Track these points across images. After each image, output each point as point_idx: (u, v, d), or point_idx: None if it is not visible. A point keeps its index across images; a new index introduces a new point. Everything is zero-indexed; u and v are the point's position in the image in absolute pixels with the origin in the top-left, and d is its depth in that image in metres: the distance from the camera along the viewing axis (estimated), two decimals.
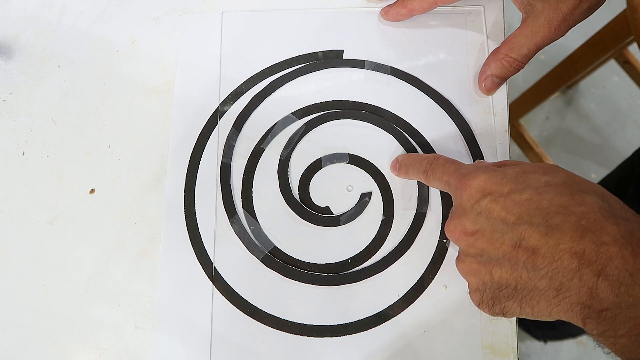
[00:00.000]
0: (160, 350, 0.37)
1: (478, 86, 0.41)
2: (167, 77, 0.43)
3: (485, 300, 0.31)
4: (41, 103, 0.43)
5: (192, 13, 0.44)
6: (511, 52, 0.39)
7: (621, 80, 1.33)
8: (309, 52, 0.43)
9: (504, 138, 0.41)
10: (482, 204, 0.30)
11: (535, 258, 0.27)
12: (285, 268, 0.38)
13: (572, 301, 0.26)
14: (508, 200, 0.29)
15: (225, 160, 0.40)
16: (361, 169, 0.40)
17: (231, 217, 0.39)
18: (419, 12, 0.42)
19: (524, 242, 0.28)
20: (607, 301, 0.25)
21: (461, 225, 0.30)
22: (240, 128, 0.41)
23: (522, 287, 0.28)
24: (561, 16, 0.37)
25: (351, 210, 0.39)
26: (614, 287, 0.25)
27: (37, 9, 0.45)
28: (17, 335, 0.37)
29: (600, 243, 0.25)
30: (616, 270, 0.25)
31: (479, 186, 0.30)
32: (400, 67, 0.43)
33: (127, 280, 0.38)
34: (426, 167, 0.35)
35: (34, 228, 0.40)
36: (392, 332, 0.37)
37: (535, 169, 0.30)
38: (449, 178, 0.33)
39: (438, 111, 0.41)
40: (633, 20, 0.66)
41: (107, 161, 0.41)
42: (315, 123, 0.41)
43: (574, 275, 0.26)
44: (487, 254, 0.29)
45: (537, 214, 0.27)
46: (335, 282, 0.38)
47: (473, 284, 0.31)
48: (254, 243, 0.39)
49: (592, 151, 1.28)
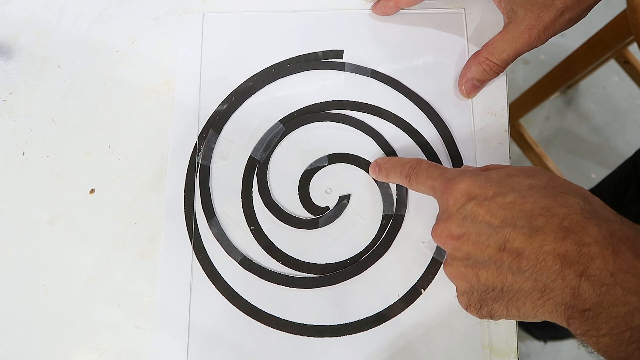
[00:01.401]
0: (160, 350, 0.37)
1: (458, 89, 0.41)
2: (167, 77, 0.43)
3: (472, 303, 0.31)
4: (41, 103, 0.43)
5: (192, 13, 0.44)
6: (491, 56, 0.39)
7: (621, 80, 1.33)
8: (309, 52, 0.43)
9: (504, 138, 0.41)
10: (467, 207, 0.30)
11: (519, 260, 0.27)
12: (263, 270, 0.38)
13: (556, 302, 0.27)
14: (492, 203, 0.29)
15: (205, 163, 0.40)
16: (340, 171, 0.40)
17: (209, 219, 0.39)
18: (405, 5, 0.42)
19: (509, 244, 0.28)
20: (590, 301, 0.25)
21: (447, 230, 0.31)
22: (220, 130, 0.41)
23: (508, 289, 0.29)
24: (542, 25, 0.37)
25: (330, 212, 0.39)
26: (596, 287, 0.25)
27: (37, 9, 0.45)
28: (17, 335, 0.37)
29: (582, 244, 0.26)
30: (597, 271, 0.25)
31: (464, 190, 0.30)
32: (380, 69, 0.42)
33: (127, 280, 0.38)
34: (409, 171, 0.35)
35: (34, 228, 0.40)
36: (392, 332, 0.37)
37: (518, 172, 0.31)
38: (434, 182, 0.33)
39: (418, 114, 0.41)
40: (633, 20, 0.66)
41: (107, 161, 0.41)
42: (294, 125, 0.41)
43: (558, 276, 0.26)
44: (473, 257, 0.30)
45: (521, 216, 0.28)
46: (311, 284, 0.38)
47: (460, 287, 0.32)
48: (232, 245, 0.39)
49: (592, 151, 1.28)
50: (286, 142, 0.41)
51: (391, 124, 0.41)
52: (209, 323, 0.37)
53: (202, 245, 0.39)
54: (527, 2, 0.37)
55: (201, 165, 0.40)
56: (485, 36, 0.42)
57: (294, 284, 0.38)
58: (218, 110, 0.42)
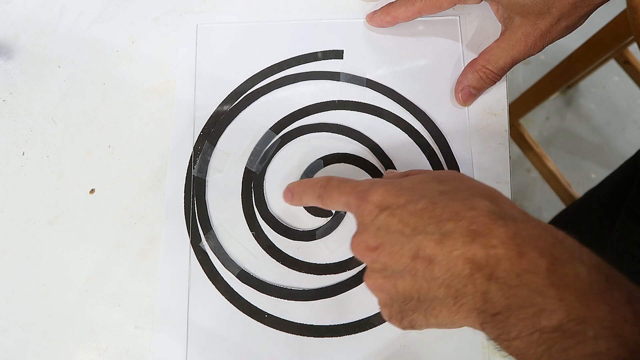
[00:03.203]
0: (160, 350, 0.37)
1: (455, 97, 0.41)
2: (167, 77, 0.43)
3: (394, 315, 0.30)
4: (41, 103, 0.43)
5: (192, 13, 0.44)
6: (488, 63, 0.39)
7: (621, 80, 1.33)
8: (309, 52, 0.43)
9: (504, 138, 0.41)
10: (380, 218, 0.29)
11: (432, 267, 0.27)
12: (261, 283, 0.38)
13: (469, 307, 0.26)
14: (404, 211, 0.28)
15: (200, 175, 0.40)
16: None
17: (206, 232, 0.39)
18: (403, 19, 0.42)
19: (421, 252, 0.27)
20: (499, 305, 0.25)
21: (364, 242, 0.30)
22: (215, 142, 0.41)
23: (424, 298, 0.28)
24: (538, 32, 0.37)
25: (327, 224, 0.39)
26: (504, 290, 0.25)
27: (37, 9, 0.45)
28: (17, 335, 0.37)
29: (489, 246, 0.25)
30: (504, 273, 0.25)
31: (376, 201, 0.30)
32: (375, 77, 0.42)
33: (127, 280, 0.38)
34: (320, 191, 0.34)
35: (34, 228, 0.40)
36: (392, 332, 0.37)
37: (431, 178, 0.30)
38: (347, 198, 0.32)
39: (414, 122, 0.41)
40: (633, 20, 0.66)
41: (107, 161, 0.41)
42: (290, 136, 0.41)
43: (468, 281, 0.26)
44: (390, 268, 0.29)
45: (431, 222, 0.27)
46: (309, 297, 0.38)
47: (381, 299, 0.31)
48: (229, 259, 0.38)
49: (592, 151, 1.28)
50: (282, 153, 0.41)
51: (390, 123, 0.41)
52: (208, 323, 0.37)
53: (203, 245, 0.39)
54: (523, 10, 0.37)
55: (197, 178, 0.40)
56: (482, 44, 0.42)
57: (292, 296, 0.38)
58: (218, 111, 0.42)
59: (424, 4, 0.40)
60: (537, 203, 1.26)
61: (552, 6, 0.36)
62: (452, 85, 0.42)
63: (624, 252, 0.65)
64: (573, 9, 0.37)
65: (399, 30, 0.43)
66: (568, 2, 0.36)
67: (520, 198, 1.26)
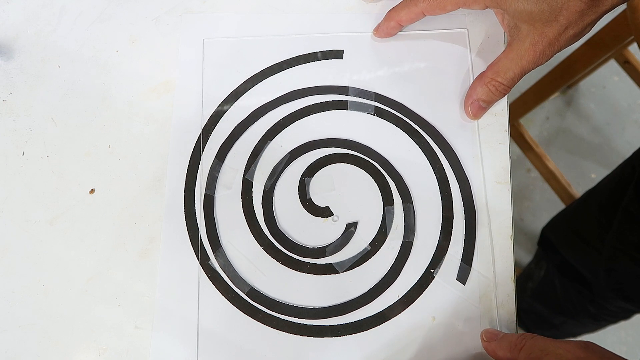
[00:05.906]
0: (160, 350, 0.37)
1: (464, 111, 0.41)
2: (167, 77, 0.43)
3: None
4: (41, 103, 0.43)
5: (192, 13, 0.44)
6: (497, 75, 0.38)
7: (621, 80, 1.33)
8: (309, 52, 0.43)
9: (504, 138, 0.41)
10: None
11: None
12: (271, 302, 0.38)
13: None
14: None
15: (209, 192, 0.40)
16: (347, 199, 0.40)
17: (215, 250, 0.39)
18: (407, 22, 0.41)
19: None
20: None
21: None
22: (224, 159, 0.41)
23: None
24: (546, 41, 0.37)
25: (337, 241, 0.39)
26: None
27: (37, 9, 0.45)
28: (17, 335, 0.37)
29: None
30: None
31: None
32: (383, 92, 0.42)
33: (127, 280, 0.38)
34: None
35: (34, 228, 0.40)
36: (392, 332, 0.37)
37: None
38: None
39: (425, 139, 0.41)
40: (633, 20, 0.66)
41: (107, 161, 0.41)
42: (299, 152, 0.41)
43: None
44: None
45: None
46: (321, 315, 0.37)
47: None
48: (239, 277, 0.38)
49: (592, 151, 1.28)
50: (291, 170, 0.41)
51: (398, 128, 0.41)
52: (209, 323, 0.37)
53: (203, 245, 0.39)
54: (530, 18, 0.37)
55: (206, 195, 0.40)
56: (490, 56, 0.42)
57: (303, 315, 0.37)
58: (218, 110, 0.42)
59: (428, 5, 0.40)
60: (537, 203, 1.26)
61: (560, 14, 0.36)
62: (461, 99, 0.41)
63: (620, 253, 0.65)
64: (580, 17, 0.36)
65: (406, 44, 0.43)
66: (575, 10, 0.36)
67: (520, 198, 1.26)
